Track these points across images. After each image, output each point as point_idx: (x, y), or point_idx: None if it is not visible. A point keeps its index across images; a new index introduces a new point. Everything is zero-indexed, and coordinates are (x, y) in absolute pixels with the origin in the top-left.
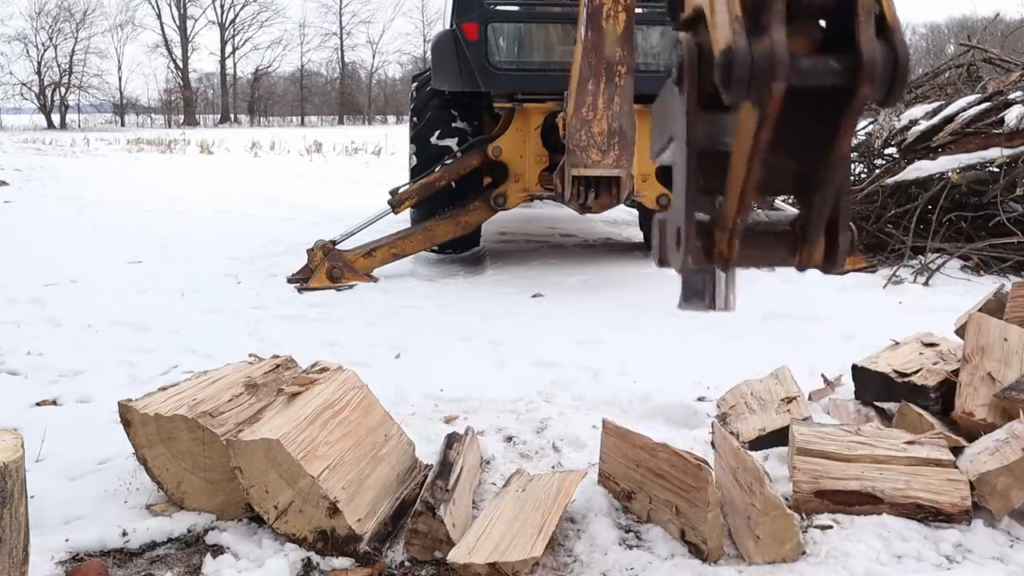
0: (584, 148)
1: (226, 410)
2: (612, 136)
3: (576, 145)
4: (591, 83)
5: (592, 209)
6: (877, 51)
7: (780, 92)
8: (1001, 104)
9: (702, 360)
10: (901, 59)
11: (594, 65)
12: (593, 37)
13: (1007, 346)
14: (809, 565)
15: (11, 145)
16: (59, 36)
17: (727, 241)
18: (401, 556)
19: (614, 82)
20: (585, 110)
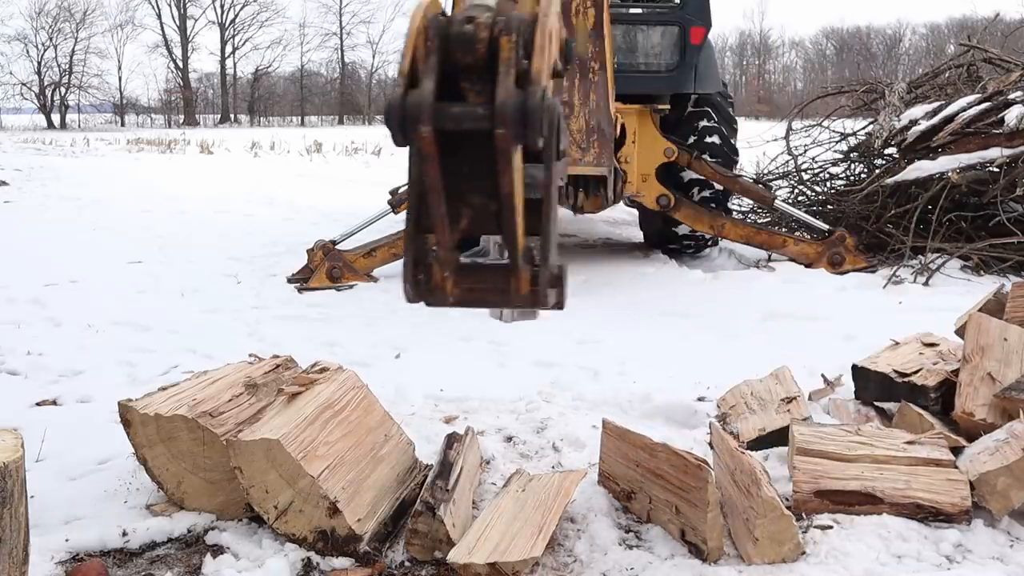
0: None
1: (226, 410)
2: (591, 134)
3: None
4: (564, 80)
5: (585, 209)
6: (509, 98)
7: (427, 133)
8: (1001, 104)
9: (702, 360)
10: (530, 105)
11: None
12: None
13: (1007, 346)
14: (809, 565)
15: (11, 145)
16: (59, 36)
17: (441, 275)
18: (401, 556)
19: (588, 79)
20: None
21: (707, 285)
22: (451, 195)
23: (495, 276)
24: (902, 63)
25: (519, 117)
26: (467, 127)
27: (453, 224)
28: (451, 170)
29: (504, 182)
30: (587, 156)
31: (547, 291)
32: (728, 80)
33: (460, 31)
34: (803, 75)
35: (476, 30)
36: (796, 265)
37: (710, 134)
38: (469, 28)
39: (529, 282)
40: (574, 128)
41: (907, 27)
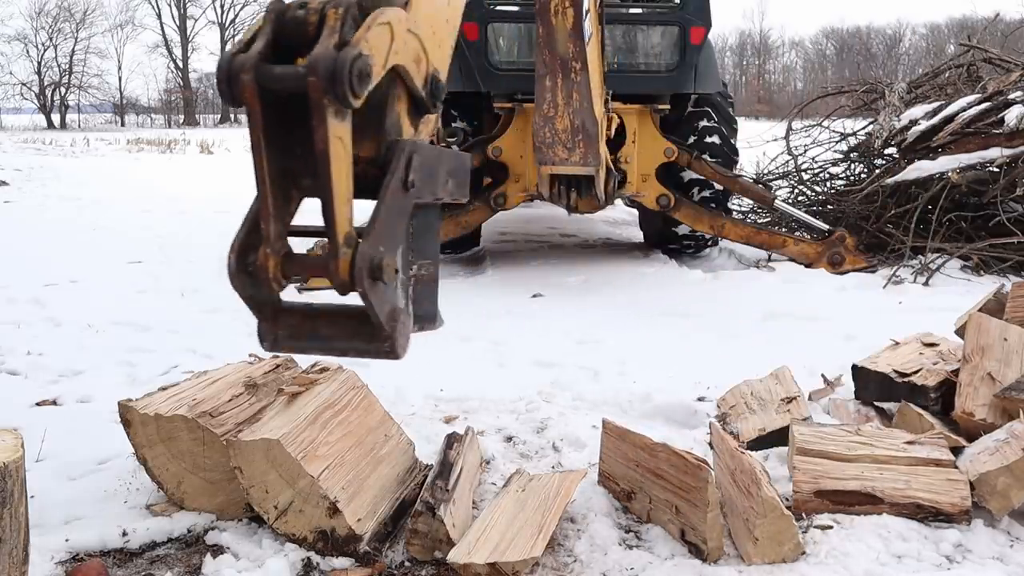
0: (550, 145)
1: (226, 410)
2: (576, 133)
3: (542, 142)
4: (548, 79)
5: (580, 209)
6: (324, 52)
7: (248, 83)
8: (1001, 104)
9: (702, 360)
10: (340, 57)
11: (548, 62)
12: (544, 33)
13: (1007, 346)
14: (809, 565)
15: (11, 145)
16: (59, 36)
17: (265, 256)
18: (401, 556)
19: (570, 78)
20: (546, 107)
21: (707, 285)
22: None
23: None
24: (902, 63)
25: (330, 67)
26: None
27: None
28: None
29: (318, 138)
30: (573, 156)
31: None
32: (728, 80)
33: (294, 14)
34: (803, 75)
35: (307, 13)
36: (796, 265)
37: (710, 134)
38: (301, 12)
39: (348, 268)
40: (559, 128)
41: (907, 27)
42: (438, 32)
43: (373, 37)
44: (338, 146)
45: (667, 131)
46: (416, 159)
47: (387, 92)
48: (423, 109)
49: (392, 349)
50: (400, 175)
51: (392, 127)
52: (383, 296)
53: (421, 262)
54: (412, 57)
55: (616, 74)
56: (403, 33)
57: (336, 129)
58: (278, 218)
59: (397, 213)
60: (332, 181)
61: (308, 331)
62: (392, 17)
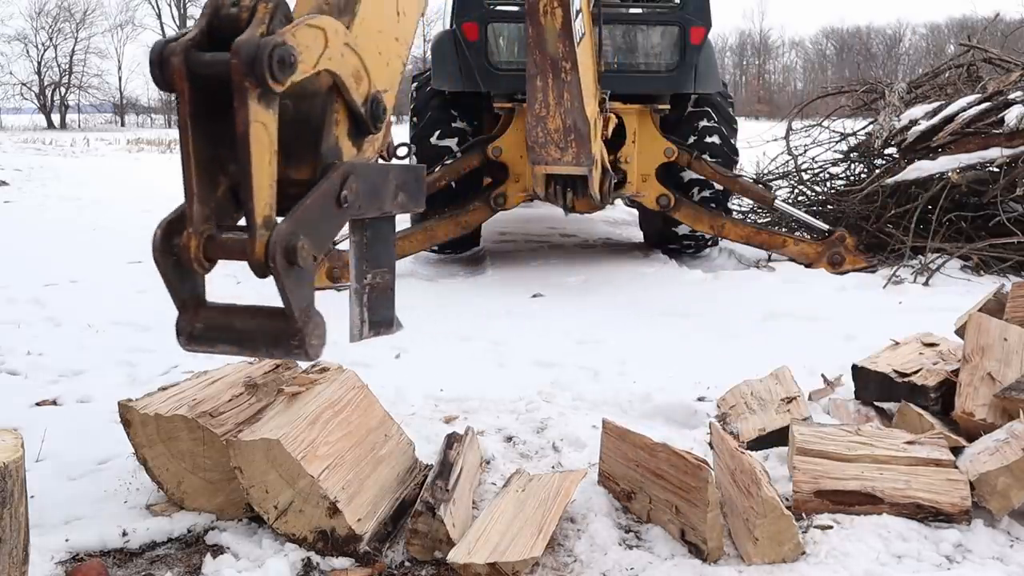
0: (542, 145)
1: (226, 410)
2: (568, 133)
3: (534, 142)
4: (539, 80)
5: (577, 209)
6: (247, 38)
7: (177, 65)
8: (1001, 104)
9: (702, 360)
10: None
11: (539, 62)
12: (533, 33)
13: (1007, 346)
14: (809, 565)
15: (11, 145)
16: (59, 36)
17: (188, 236)
18: (401, 556)
19: (561, 78)
20: (538, 107)
21: (707, 285)
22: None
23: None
24: (902, 63)
25: (251, 51)
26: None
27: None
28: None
29: (239, 120)
30: (566, 156)
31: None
32: (728, 80)
33: (227, 10)
34: (803, 75)
35: (239, 10)
36: (796, 265)
37: (710, 134)
38: (234, 10)
39: (263, 249)
40: (551, 128)
41: (907, 27)
42: (385, 52)
43: (301, 34)
44: (260, 130)
45: (667, 131)
46: (353, 179)
47: (324, 114)
48: (364, 129)
49: (301, 345)
50: (331, 185)
51: (329, 151)
52: (298, 281)
53: (376, 271)
54: (351, 72)
55: (616, 74)
56: (339, 45)
57: (258, 114)
58: (203, 201)
59: (324, 215)
60: (252, 164)
61: (224, 325)
62: (327, 24)
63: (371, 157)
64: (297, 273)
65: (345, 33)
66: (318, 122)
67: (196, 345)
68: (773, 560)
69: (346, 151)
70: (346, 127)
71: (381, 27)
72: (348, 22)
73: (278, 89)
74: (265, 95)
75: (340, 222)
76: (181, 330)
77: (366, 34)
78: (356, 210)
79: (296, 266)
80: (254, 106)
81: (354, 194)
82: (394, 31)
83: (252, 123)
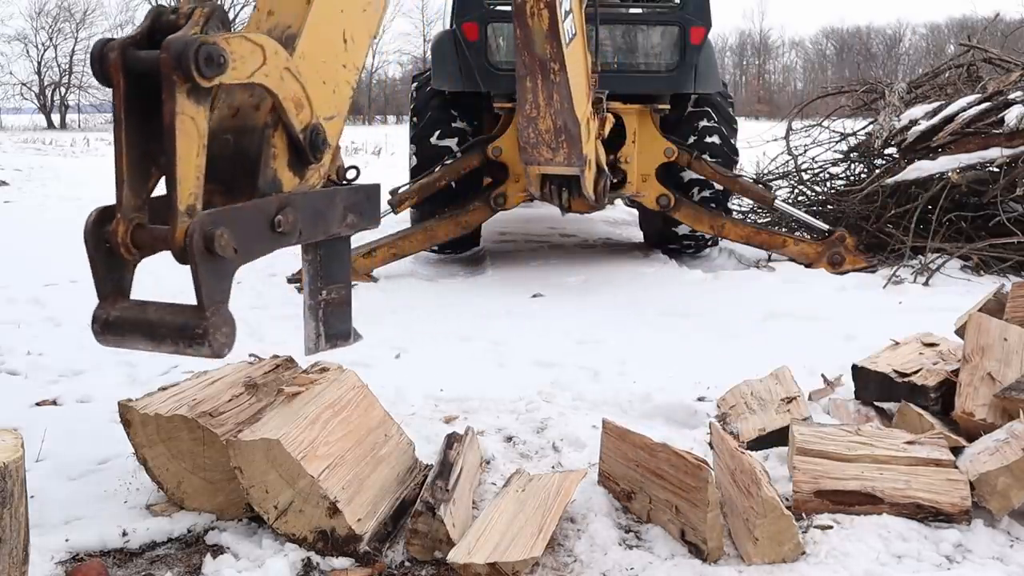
0: (534, 146)
1: (226, 410)
2: (558, 134)
3: (526, 142)
4: (528, 80)
5: (574, 209)
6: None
7: (113, 59)
8: (1001, 104)
9: (702, 360)
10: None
11: (528, 63)
12: (522, 35)
13: (1007, 346)
14: (809, 565)
15: (11, 145)
16: (59, 36)
17: (117, 222)
18: (401, 556)
19: (550, 79)
20: (528, 108)
21: (707, 285)
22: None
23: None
24: (902, 63)
25: (180, 48)
26: (146, 64)
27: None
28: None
29: (166, 111)
30: (557, 156)
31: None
32: (728, 80)
33: (167, 15)
34: (803, 75)
35: (178, 16)
36: (796, 265)
37: (710, 134)
38: (173, 16)
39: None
40: (542, 129)
41: (907, 27)
42: (331, 79)
43: (236, 43)
44: (186, 123)
45: (667, 131)
46: (289, 210)
47: (261, 148)
48: (305, 159)
49: (205, 338)
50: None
51: (267, 184)
52: (214, 273)
53: (331, 287)
54: (290, 96)
55: (616, 74)
56: (279, 66)
57: (185, 107)
58: (133, 190)
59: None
60: (176, 153)
61: (137, 317)
62: (266, 43)
63: (316, 184)
64: (215, 264)
65: (287, 58)
66: (257, 157)
67: (108, 334)
68: (773, 560)
69: (286, 182)
70: (286, 158)
71: (326, 57)
72: (290, 53)
73: (205, 84)
74: (194, 90)
75: (274, 246)
76: (96, 318)
77: (310, 64)
78: (297, 237)
79: (215, 255)
80: (181, 99)
81: (290, 224)
82: (340, 59)
83: (179, 115)
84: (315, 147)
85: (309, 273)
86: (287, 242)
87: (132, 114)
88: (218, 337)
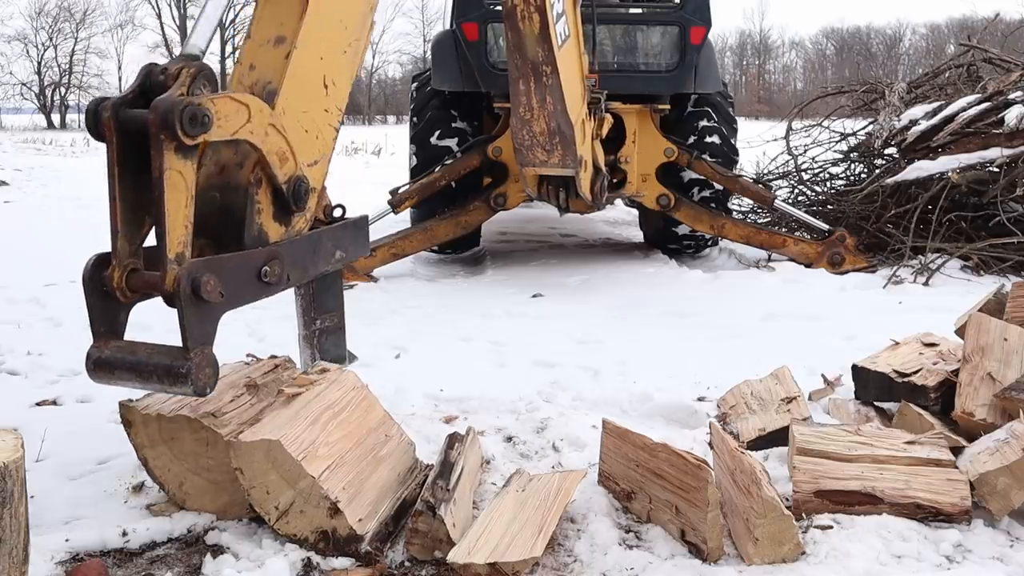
0: (529, 148)
1: (229, 410)
2: (552, 136)
3: (521, 144)
4: (521, 83)
5: (572, 209)
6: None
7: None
8: (1001, 104)
9: (702, 360)
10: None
11: (520, 66)
12: (513, 38)
13: (1007, 346)
14: (809, 565)
15: (11, 145)
16: (59, 36)
17: (113, 268)
18: (401, 556)
19: (542, 82)
20: (522, 110)
21: (707, 285)
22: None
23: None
24: (902, 63)
25: (166, 108)
26: (137, 123)
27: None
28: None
29: (155, 167)
30: (552, 158)
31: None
32: (728, 80)
33: (157, 75)
34: (803, 75)
35: (167, 76)
36: (796, 265)
37: (710, 134)
38: (162, 76)
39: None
40: (536, 131)
41: (907, 27)
42: (313, 127)
43: (222, 103)
44: (174, 177)
45: (667, 131)
46: (276, 263)
47: (246, 206)
48: (290, 210)
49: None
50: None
51: (252, 240)
52: (200, 317)
53: (325, 316)
54: (275, 151)
55: (616, 74)
56: (264, 123)
57: (173, 163)
58: (127, 238)
59: (240, 274)
60: (165, 207)
61: (126, 356)
62: (251, 102)
63: (302, 229)
64: (200, 308)
65: (271, 114)
66: (243, 213)
67: (100, 372)
68: (773, 560)
69: (273, 233)
70: (271, 211)
71: (307, 106)
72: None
73: (190, 143)
74: (180, 147)
75: (262, 294)
76: (89, 356)
77: (291, 117)
78: (285, 284)
79: (201, 300)
80: (169, 156)
81: (276, 275)
82: (322, 104)
83: (166, 171)
84: (299, 197)
85: (302, 306)
86: (275, 290)
87: (125, 168)
88: (200, 377)
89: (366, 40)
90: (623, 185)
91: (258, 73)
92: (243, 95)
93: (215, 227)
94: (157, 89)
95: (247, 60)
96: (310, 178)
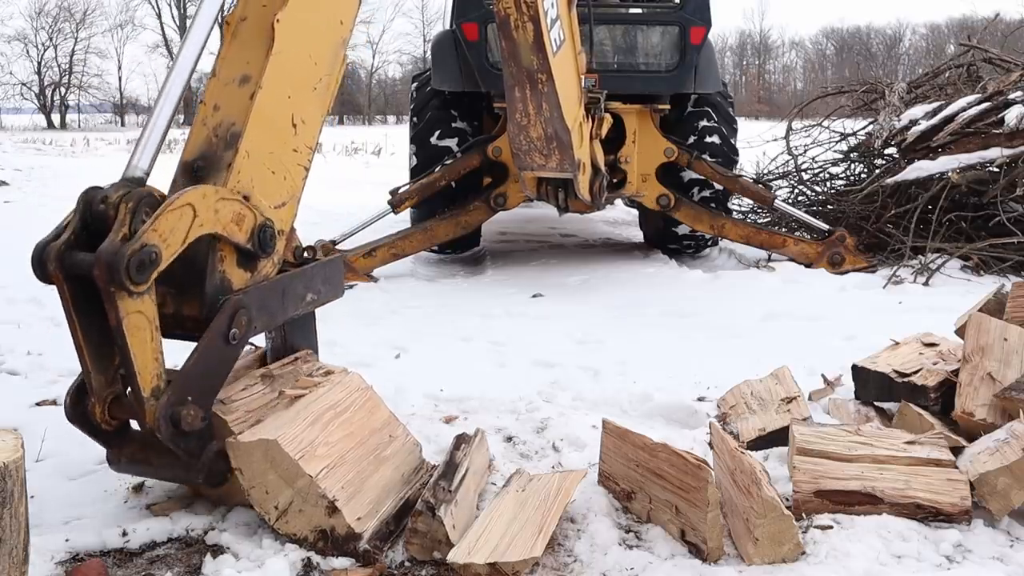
0: (526, 152)
1: (239, 398)
2: (550, 141)
3: (519, 149)
4: (517, 91)
5: (571, 209)
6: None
7: (53, 269)
8: (1001, 104)
9: (702, 360)
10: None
11: (515, 73)
12: (507, 47)
13: (1007, 346)
14: (809, 565)
15: (11, 145)
16: (59, 36)
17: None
18: (402, 556)
19: (538, 89)
20: (519, 116)
21: (707, 285)
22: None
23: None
24: (902, 63)
25: (111, 260)
26: (84, 272)
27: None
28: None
29: (111, 317)
30: (550, 162)
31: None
32: (728, 80)
33: (97, 207)
34: (803, 75)
35: (106, 207)
36: (796, 265)
37: (710, 134)
38: (102, 207)
39: (153, 418)
40: (533, 136)
41: (907, 27)
42: (280, 168)
43: (163, 224)
44: (135, 319)
45: (667, 131)
46: (242, 313)
47: (207, 257)
48: (254, 256)
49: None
50: (219, 330)
51: (215, 289)
52: (189, 439)
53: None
54: (229, 219)
55: (616, 74)
56: (211, 206)
57: (128, 308)
58: (99, 372)
59: (214, 363)
60: (130, 351)
61: (142, 459)
62: (193, 198)
63: (270, 273)
64: (187, 437)
65: (215, 192)
66: (201, 265)
67: (124, 470)
68: (773, 560)
69: (237, 281)
70: (234, 259)
71: (273, 147)
72: (232, 156)
73: (140, 290)
74: (132, 293)
75: (235, 355)
76: (110, 460)
77: (255, 161)
78: (253, 333)
79: (184, 433)
80: (122, 304)
81: (243, 328)
82: (290, 144)
83: (123, 317)
84: (265, 243)
85: (272, 349)
86: (244, 343)
87: (81, 311)
88: (212, 472)
89: (338, 74)
90: (623, 185)
91: (222, 114)
92: (184, 195)
93: (177, 276)
94: (98, 221)
95: (211, 100)
96: (277, 220)
